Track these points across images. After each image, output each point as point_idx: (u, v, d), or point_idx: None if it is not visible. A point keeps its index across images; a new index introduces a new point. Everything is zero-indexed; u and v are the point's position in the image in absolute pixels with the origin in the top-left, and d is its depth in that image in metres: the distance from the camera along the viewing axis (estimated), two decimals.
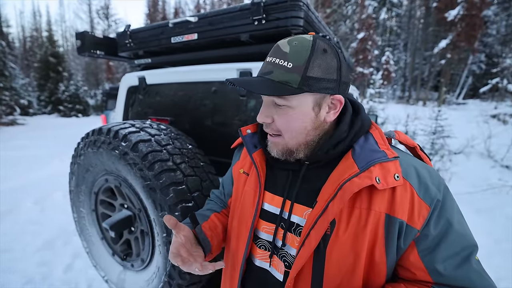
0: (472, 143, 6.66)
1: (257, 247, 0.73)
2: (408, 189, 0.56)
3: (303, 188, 0.66)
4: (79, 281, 2.29)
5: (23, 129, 12.15)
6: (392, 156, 0.58)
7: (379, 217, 0.56)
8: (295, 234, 0.65)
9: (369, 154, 0.59)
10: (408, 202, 0.55)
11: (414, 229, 0.55)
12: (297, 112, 0.61)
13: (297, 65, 0.57)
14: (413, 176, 0.58)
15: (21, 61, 28.65)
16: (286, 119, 0.62)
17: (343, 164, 0.61)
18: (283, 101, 0.60)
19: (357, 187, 0.55)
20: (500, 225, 3.20)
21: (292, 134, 0.63)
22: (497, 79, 13.83)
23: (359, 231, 0.57)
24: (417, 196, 0.56)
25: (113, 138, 1.17)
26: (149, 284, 1.28)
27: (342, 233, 0.58)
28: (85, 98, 19.69)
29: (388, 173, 0.56)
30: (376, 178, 0.55)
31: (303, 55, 0.57)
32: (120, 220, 1.27)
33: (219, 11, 1.32)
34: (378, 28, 23.74)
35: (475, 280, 0.54)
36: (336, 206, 0.57)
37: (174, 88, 1.62)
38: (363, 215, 0.57)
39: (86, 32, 1.72)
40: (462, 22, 16.52)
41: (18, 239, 2.86)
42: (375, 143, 0.61)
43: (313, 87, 0.57)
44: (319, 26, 1.39)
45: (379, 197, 0.56)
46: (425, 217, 0.55)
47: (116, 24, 30.05)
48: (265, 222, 0.71)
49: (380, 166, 0.56)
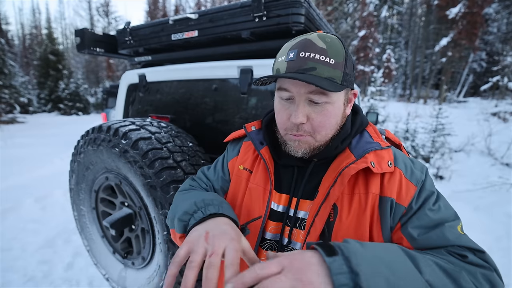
0: (472, 141, 6.66)
1: (264, 250, 0.71)
2: (397, 172, 0.61)
3: (311, 183, 0.67)
4: (80, 279, 2.29)
5: (23, 127, 12.14)
6: (385, 145, 0.64)
7: (375, 199, 0.60)
8: (300, 228, 0.67)
9: (364, 145, 0.64)
10: (397, 182, 0.60)
11: (401, 206, 0.59)
12: (335, 107, 0.61)
13: (338, 61, 0.57)
14: (400, 162, 0.64)
15: (21, 59, 28.59)
16: (325, 115, 0.60)
17: (341, 156, 0.65)
18: (325, 98, 0.58)
19: (354, 170, 0.59)
20: (500, 222, 3.20)
21: (326, 131, 0.62)
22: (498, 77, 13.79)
23: (360, 215, 0.60)
24: (404, 177, 0.61)
25: (113, 136, 1.17)
26: (150, 282, 1.28)
27: (345, 218, 0.61)
28: (85, 96, 19.66)
29: (382, 159, 0.61)
30: (371, 163, 0.60)
31: (341, 52, 0.58)
32: (120, 218, 1.27)
33: (220, 8, 1.31)
34: (379, 26, 23.65)
35: (451, 238, 0.55)
36: (337, 190, 0.60)
37: (175, 86, 1.61)
38: (362, 199, 0.61)
39: (85, 29, 1.71)
40: (463, 20, 16.46)
41: (19, 237, 2.86)
42: (369, 136, 0.67)
43: (349, 82, 0.60)
44: (320, 24, 1.38)
45: (374, 181, 0.61)
46: (412, 195, 0.59)
47: (116, 21, 29.94)
48: (273, 222, 0.69)
49: (374, 154, 0.62)
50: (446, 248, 0.55)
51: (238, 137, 0.86)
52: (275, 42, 1.29)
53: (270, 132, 0.75)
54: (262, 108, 1.32)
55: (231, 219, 0.59)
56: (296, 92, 0.58)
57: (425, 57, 22.54)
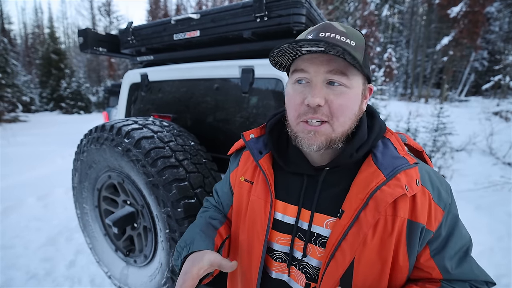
0: (474, 140, 6.65)
1: (273, 259, 0.68)
2: (426, 194, 0.57)
3: (322, 195, 0.62)
4: (81, 277, 2.31)
5: (25, 126, 12.19)
6: (413, 163, 0.58)
7: (403, 222, 0.56)
8: (316, 245, 0.62)
9: (392, 161, 0.57)
10: (426, 207, 0.56)
11: (430, 232, 0.57)
12: (353, 92, 0.56)
13: (359, 45, 0.56)
14: (427, 182, 0.59)
15: (23, 58, 28.67)
16: (344, 98, 0.55)
17: (366, 171, 0.58)
18: (345, 79, 0.54)
19: (391, 197, 0.54)
20: (501, 222, 3.20)
21: (344, 119, 0.56)
22: (500, 76, 13.74)
23: (386, 238, 0.56)
24: (433, 201, 0.57)
25: (116, 134, 1.18)
26: (151, 279, 1.29)
27: (369, 242, 0.56)
28: (87, 95, 19.69)
29: (412, 180, 0.56)
30: (406, 186, 0.55)
31: (361, 37, 0.57)
32: (123, 217, 1.29)
33: (222, 8, 1.32)
34: (380, 25, 23.58)
35: (477, 273, 0.60)
36: (370, 217, 0.55)
37: (176, 85, 1.62)
38: (389, 222, 0.56)
39: (88, 29, 1.72)
40: (465, 19, 16.38)
41: (21, 235, 2.89)
42: (394, 149, 0.60)
43: (367, 70, 0.58)
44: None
45: (403, 203, 0.56)
46: (439, 220, 0.57)
47: (117, 21, 29.96)
48: (280, 233, 0.66)
49: (404, 173, 0.56)
50: (469, 281, 0.60)
51: (240, 148, 0.80)
52: (276, 42, 1.30)
53: (275, 137, 0.70)
54: (263, 107, 1.32)
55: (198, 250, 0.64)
56: (313, 71, 0.54)
57: (426, 56, 22.46)
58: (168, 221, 1.10)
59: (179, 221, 1.07)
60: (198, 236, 0.68)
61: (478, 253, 2.63)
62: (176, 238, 1.10)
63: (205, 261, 0.59)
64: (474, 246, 0.67)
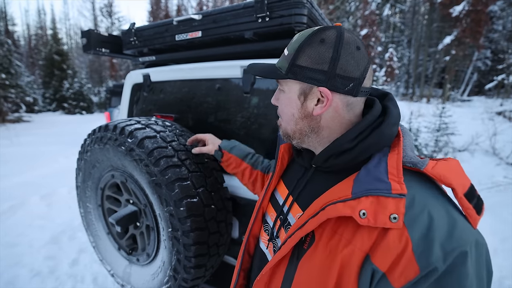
0: (477, 140, 6.60)
1: (263, 230, 0.78)
2: (404, 239, 0.44)
3: (307, 190, 0.66)
4: (84, 275, 2.34)
5: (28, 126, 12.28)
6: (397, 192, 0.46)
7: (356, 254, 0.48)
8: (285, 231, 0.67)
9: (370, 182, 0.49)
10: (395, 252, 0.44)
11: (390, 285, 0.44)
12: (286, 97, 0.64)
13: (290, 53, 0.59)
14: (421, 226, 0.45)
15: (27, 59, 28.87)
16: (280, 102, 0.66)
17: (344, 183, 0.54)
18: (280, 85, 0.65)
19: (335, 213, 0.49)
20: (505, 223, 3.19)
21: (285, 118, 0.66)
22: (503, 76, 13.67)
23: (332, 258, 0.50)
24: (410, 251, 0.43)
25: (119, 134, 1.19)
26: (154, 278, 1.31)
27: (317, 253, 0.53)
28: (89, 96, 19.80)
29: (383, 210, 0.45)
30: (361, 212, 0.46)
31: (296, 44, 0.58)
32: (126, 215, 1.30)
33: (223, 9, 1.33)
34: (381, 25, 23.51)
35: None
36: (311, 224, 0.53)
37: (178, 85, 1.64)
38: (341, 244, 0.50)
39: (91, 30, 1.74)
40: (467, 18, 16.29)
41: (25, 233, 2.92)
42: (385, 170, 0.50)
43: (298, 75, 0.58)
44: (323, 24, 1.39)
45: (366, 234, 0.48)
46: (408, 279, 0.43)
47: (119, 22, 30.11)
48: (272, 209, 0.75)
49: (375, 200, 0.46)
50: None
51: None
52: (278, 42, 1.31)
53: None
54: (264, 107, 1.33)
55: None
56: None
57: (428, 55, 22.37)
58: (171, 220, 1.12)
59: (181, 220, 1.08)
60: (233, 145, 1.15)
61: None
62: (178, 237, 1.11)
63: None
64: None
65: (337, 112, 0.58)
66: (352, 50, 0.55)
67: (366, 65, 0.56)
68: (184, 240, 1.10)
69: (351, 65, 0.55)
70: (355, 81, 0.56)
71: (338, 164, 0.59)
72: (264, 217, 0.78)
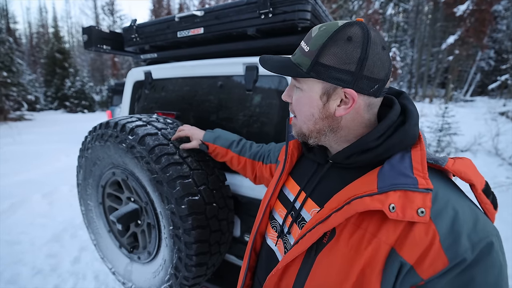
0: (479, 140, 6.57)
1: (271, 226, 0.76)
2: (431, 232, 0.45)
3: (321, 185, 0.64)
4: (86, 273, 2.34)
5: (30, 124, 12.33)
6: (424, 187, 0.47)
7: (382, 248, 0.48)
8: (298, 227, 0.66)
9: (395, 177, 0.50)
10: (423, 245, 0.45)
11: (418, 276, 0.46)
12: (306, 96, 0.60)
13: (312, 49, 0.55)
14: (446, 219, 0.46)
15: (28, 57, 28.96)
16: (297, 101, 0.63)
17: (366, 177, 0.54)
18: (297, 83, 0.61)
19: (363, 207, 0.48)
20: (507, 223, 3.17)
21: (302, 118, 0.63)
22: (506, 76, 13.59)
23: (354, 253, 0.51)
24: (438, 243, 0.44)
25: (120, 131, 1.18)
26: (155, 276, 1.30)
27: (338, 247, 0.53)
28: (91, 94, 19.86)
29: (410, 204, 0.46)
30: (390, 206, 0.46)
31: (320, 41, 0.54)
32: (127, 213, 1.29)
33: (226, 5, 1.31)
34: (384, 24, 23.40)
35: None
36: (336, 218, 0.52)
37: (180, 83, 1.63)
38: (365, 239, 0.50)
39: (92, 27, 1.72)
40: (471, 17, 16.19)
41: (27, 231, 2.92)
42: (409, 166, 0.51)
43: (322, 74, 0.55)
44: (326, 21, 1.38)
45: (391, 227, 0.48)
46: (437, 270, 0.44)
47: (121, 20, 30.16)
48: (281, 205, 0.74)
49: (402, 194, 0.47)
50: None
51: None
52: (281, 39, 1.29)
53: None
54: (266, 106, 1.32)
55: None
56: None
57: (432, 55, 22.27)
58: (172, 218, 1.11)
59: (182, 218, 1.07)
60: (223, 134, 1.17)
61: None
62: (180, 235, 1.11)
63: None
64: None
65: (358, 113, 0.58)
66: (378, 51, 0.54)
67: (389, 66, 0.56)
68: (185, 238, 1.09)
69: (377, 66, 0.54)
70: (380, 83, 0.55)
71: (359, 161, 0.58)
72: (271, 213, 0.77)
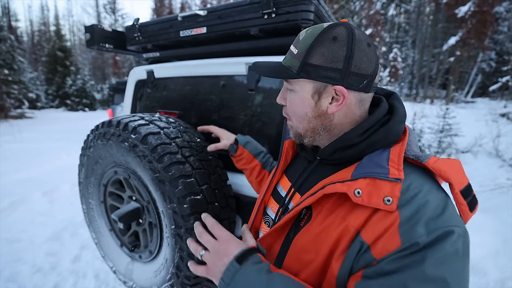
0: (480, 142, 6.56)
1: (264, 222, 0.80)
2: (393, 217, 0.47)
3: (308, 180, 0.67)
4: (86, 272, 2.34)
5: (31, 122, 12.33)
6: (395, 177, 0.49)
7: (349, 230, 0.51)
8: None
9: (370, 167, 0.52)
10: (382, 228, 0.47)
11: (371, 256, 0.48)
12: (298, 96, 0.62)
13: (301, 51, 0.58)
14: (412, 208, 0.48)
15: (30, 55, 28.98)
16: (290, 102, 0.65)
17: (345, 170, 0.57)
18: (289, 85, 0.63)
19: (332, 190, 0.52)
20: (507, 224, 3.17)
21: (296, 119, 0.65)
22: (508, 77, 13.58)
23: (325, 234, 0.54)
24: (396, 227, 0.46)
25: (122, 130, 1.18)
26: (156, 275, 1.30)
27: (312, 229, 0.56)
28: (92, 93, 19.86)
29: (377, 192, 0.48)
30: (356, 191, 0.49)
31: (307, 42, 0.57)
32: (128, 212, 1.29)
33: (229, 5, 1.31)
34: (386, 25, 23.40)
35: None
36: (309, 200, 0.56)
37: (182, 82, 1.62)
38: (336, 222, 0.53)
39: (95, 25, 1.72)
40: (473, 19, 16.19)
41: (27, 229, 2.92)
42: (386, 158, 0.53)
43: (311, 74, 0.57)
44: (329, 21, 1.37)
45: (360, 212, 0.51)
46: (389, 251, 0.46)
47: (122, 18, 30.19)
48: (274, 201, 0.77)
49: (371, 182, 0.50)
50: None
51: None
52: (284, 39, 1.29)
53: None
54: (268, 105, 1.32)
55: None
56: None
57: (433, 56, 22.25)
58: (174, 217, 1.11)
59: (184, 217, 1.07)
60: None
61: (483, 255, 2.60)
62: (181, 234, 1.10)
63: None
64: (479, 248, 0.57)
65: (349, 109, 0.60)
66: (364, 48, 0.56)
67: (377, 62, 0.58)
68: (187, 237, 1.09)
69: (364, 62, 0.56)
70: (368, 78, 0.57)
71: (344, 157, 0.61)
72: (265, 210, 0.80)
